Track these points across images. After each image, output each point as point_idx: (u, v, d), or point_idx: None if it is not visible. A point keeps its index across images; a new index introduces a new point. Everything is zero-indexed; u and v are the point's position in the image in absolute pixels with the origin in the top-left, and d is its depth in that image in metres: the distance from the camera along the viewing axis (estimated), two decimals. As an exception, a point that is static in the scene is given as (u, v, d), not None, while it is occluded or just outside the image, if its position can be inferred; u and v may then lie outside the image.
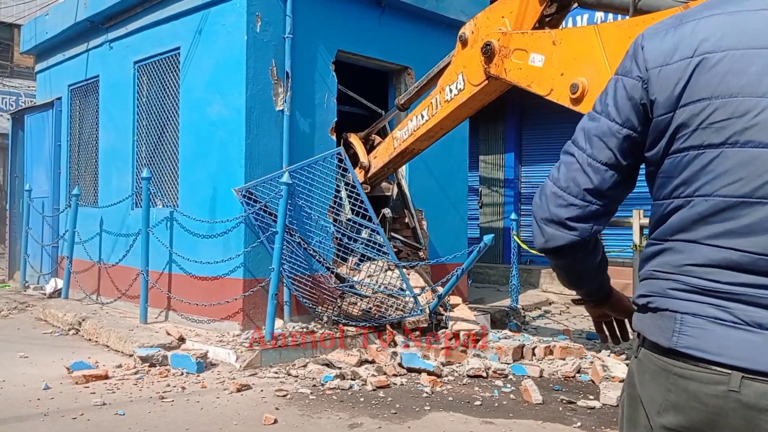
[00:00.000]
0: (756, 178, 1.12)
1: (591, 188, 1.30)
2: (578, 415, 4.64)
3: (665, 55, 1.20)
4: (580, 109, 4.50)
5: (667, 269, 1.23)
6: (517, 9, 5.32)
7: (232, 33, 6.77)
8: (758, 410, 1.11)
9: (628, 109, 1.24)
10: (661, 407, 1.20)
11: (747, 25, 1.15)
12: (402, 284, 6.59)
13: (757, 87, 1.11)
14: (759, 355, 1.11)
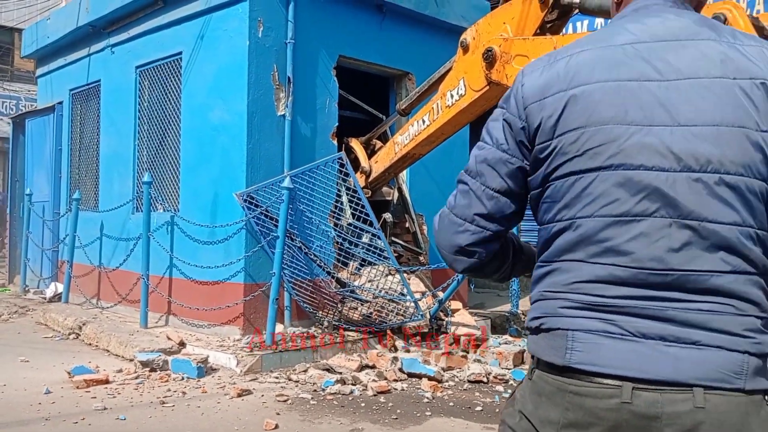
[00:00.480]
0: (630, 197, 1.21)
1: (485, 214, 1.36)
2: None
3: (542, 90, 1.29)
4: (581, 115, 4.50)
5: (557, 289, 1.28)
6: (518, 15, 5.33)
7: (234, 38, 6.79)
8: (649, 418, 1.15)
9: (512, 140, 1.33)
10: (559, 426, 1.22)
11: (613, 59, 1.26)
12: (403, 289, 6.59)
13: (624, 116, 1.22)
14: (645, 364, 1.17)
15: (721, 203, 1.20)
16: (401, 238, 7.97)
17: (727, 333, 1.18)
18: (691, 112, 1.21)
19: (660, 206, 1.21)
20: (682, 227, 1.20)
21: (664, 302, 1.20)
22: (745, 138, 1.20)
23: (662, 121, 1.21)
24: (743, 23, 3.64)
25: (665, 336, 1.18)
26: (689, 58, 1.24)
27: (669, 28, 1.28)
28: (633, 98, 1.22)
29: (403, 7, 7.95)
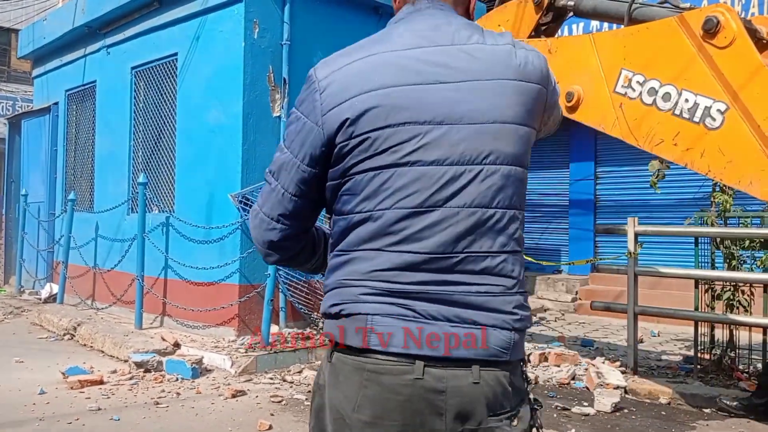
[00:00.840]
0: (425, 190, 1.32)
1: (286, 214, 1.44)
2: (572, 421, 4.65)
3: (339, 95, 1.36)
4: (575, 117, 4.53)
5: (357, 276, 1.36)
6: (513, 17, 5.35)
7: (230, 39, 6.80)
8: (437, 392, 1.29)
9: (308, 146, 1.39)
10: (356, 403, 1.32)
11: (403, 63, 1.36)
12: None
13: (418, 116, 1.32)
14: (434, 344, 1.31)
15: (499, 192, 1.35)
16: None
17: (500, 312, 1.34)
18: (475, 111, 1.34)
19: (449, 196, 1.33)
20: (467, 215, 1.33)
21: (451, 286, 1.33)
22: (517, 134, 1.36)
23: (452, 120, 1.33)
24: (736, 26, 3.66)
25: (451, 318, 1.32)
26: (469, 60, 1.36)
27: (445, 33, 1.39)
28: (425, 100, 1.33)
29: (399, 9, 7.96)
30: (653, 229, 6.52)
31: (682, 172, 5.19)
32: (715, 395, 5.03)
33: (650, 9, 4.46)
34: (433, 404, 1.30)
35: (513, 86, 1.36)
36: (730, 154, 3.63)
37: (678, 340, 7.77)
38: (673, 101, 3.87)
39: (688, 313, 5.85)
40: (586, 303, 9.27)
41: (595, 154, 11.35)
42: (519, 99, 1.36)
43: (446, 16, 1.43)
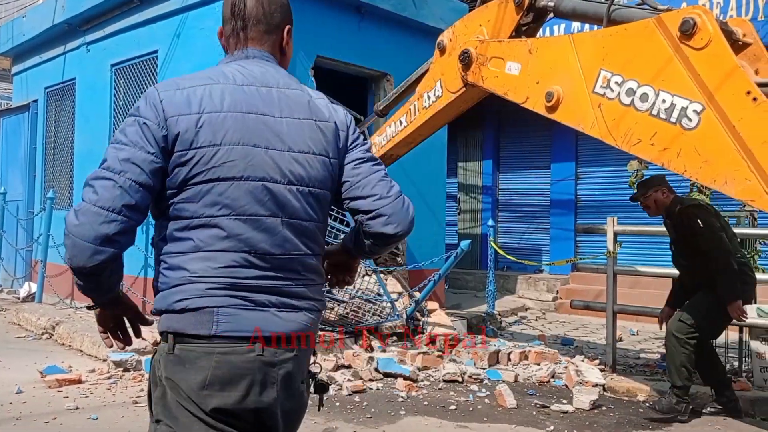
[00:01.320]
0: (256, 202, 1.61)
1: (132, 205, 1.56)
2: (551, 419, 4.69)
3: (180, 108, 1.60)
4: (555, 116, 4.56)
5: (203, 274, 1.59)
6: (494, 17, 5.37)
7: (211, 37, 6.76)
8: (272, 365, 1.61)
9: (155, 144, 1.58)
10: (207, 382, 1.56)
11: (238, 95, 1.65)
12: (379, 289, 6.61)
13: (250, 139, 1.62)
14: (269, 326, 1.61)
15: (309, 207, 1.70)
16: (378, 239, 7.98)
17: (311, 299, 1.71)
18: (293, 142, 1.68)
19: (276, 209, 1.64)
20: (288, 224, 1.66)
21: (280, 281, 1.65)
22: (323, 163, 1.71)
23: (276, 147, 1.65)
24: (712, 28, 3.70)
25: (279, 305, 1.65)
26: (288, 102, 1.71)
27: (272, 78, 1.74)
28: (256, 127, 1.64)
29: (382, 8, 7.97)
30: (632, 229, 6.58)
31: (660, 172, 5.25)
32: (693, 392, 5.09)
33: (629, 10, 4.50)
34: (268, 375, 1.61)
35: (323, 126, 1.73)
36: (706, 154, 3.67)
37: (656, 339, 7.85)
38: (651, 102, 3.91)
39: (665, 312, 5.90)
40: (566, 302, 9.34)
41: (576, 155, 11.44)
42: (325, 137, 1.73)
43: (273, 66, 1.79)
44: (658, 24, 3.91)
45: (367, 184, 1.77)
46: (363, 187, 1.76)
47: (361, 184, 1.77)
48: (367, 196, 1.76)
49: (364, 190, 1.76)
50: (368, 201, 1.75)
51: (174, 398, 1.58)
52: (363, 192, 1.76)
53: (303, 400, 1.74)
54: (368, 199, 1.75)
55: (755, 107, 3.49)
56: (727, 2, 9.13)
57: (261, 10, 1.79)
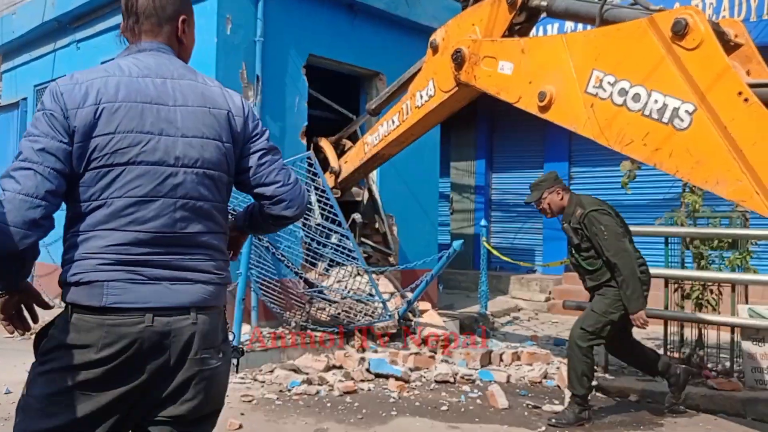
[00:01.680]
0: (149, 184, 1.75)
1: (53, 191, 1.70)
2: (543, 419, 4.67)
3: (79, 101, 1.73)
4: (547, 116, 4.55)
5: (94, 251, 1.74)
6: (487, 17, 5.36)
7: (202, 35, 6.72)
8: (165, 334, 1.74)
9: (63, 133, 1.72)
10: (98, 348, 1.69)
11: (133, 86, 1.78)
12: (371, 290, 6.58)
13: (143, 127, 1.76)
14: (161, 298, 1.74)
15: (204, 188, 1.83)
16: (371, 239, 7.96)
17: (207, 272, 1.84)
18: (186, 128, 1.81)
19: (169, 190, 1.78)
20: (182, 204, 1.80)
21: (171, 255, 1.78)
22: (217, 147, 1.86)
23: (169, 133, 1.79)
24: (704, 28, 3.70)
25: (171, 278, 1.77)
26: (182, 91, 1.84)
27: (167, 69, 1.86)
28: (149, 115, 1.77)
29: (375, 6, 7.95)
30: (624, 229, 6.57)
31: (653, 172, 5.24)
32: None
33: (621, 10, 4.50)
34: (161, 344, 1.73)
35: (216, 113, 1.87)
36: (698, 154, 3.67)
37: (648, 339, 7.83)
38: (643, 102, 3.91)
39: (657, 312, 5.90)
40: (559, 302, 9.33)
41: (569, 155, 11.45)
42: (218, 123, 1.87)
43: (168, 58, 1.90)
44: (650, 24, 3.90)
45: (270, 173, 1.96)
46: (267, 175, 1.96)
47: (265, 172, 1.96)
48: (271, 183, 1.96)
49: (268, 178, 1.96)
50: (272, 188, 1.96)
51: (68, 355, 1.72)
52: (267, 180, 1.96)
53: (209, 368, 1.82)
54: (271, 186, 1.96)
55: (747, 108, 3.48)
56: (720, 3, 9.15)
57: (151, 4, 1.91)
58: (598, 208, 4.65)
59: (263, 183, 1.96)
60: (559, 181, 4.90)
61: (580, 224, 4.65)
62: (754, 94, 3.50)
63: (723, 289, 5.66)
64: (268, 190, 1.96)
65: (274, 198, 1.96)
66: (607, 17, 4.49)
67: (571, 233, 4.75)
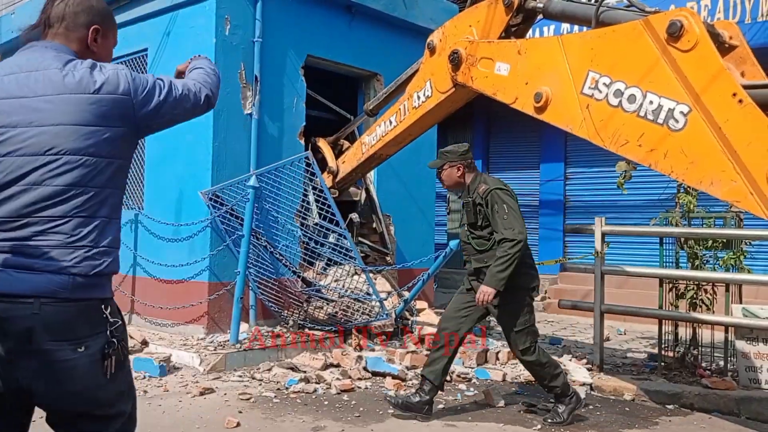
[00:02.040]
0: (8, 174, 1.81)
1: None
2: (539, 417, 4.71)
3: None
4: (543, 117, 4.58)
5: None
6: (483, 18, 5.40)
7: (201, 35, 6.75)
8: (3, 320, 1.75)
9: None
10: None
11: (2, 83, 1.88)
12: (368, 289, 6.62)
13: (7, 121, 1.83)
14: (2, 284, 1.76)
15: (57, 174, 1.81)
16: (368, 239, 8.00)
17: (56, 260, 1.80)
18: (43, 118, 1.83)
19: (19, 177, 1.81)
20: (32, 191, 1.80)
21: (18, 242, 1.79)
22: (77, 132, 1.84)
23: (23, 125, 1.83)
24: (699, 30, 3.74)
25: (16, 265, 1.78)
26: (45, 82, 1.87)
27: (32, 62, 1.91)
28: (11, 110, 1.84)
29: (372, 8, 7.98)
30: (619, 229, 6.63)
31: (648, 173, 5.28)
32: (679, 392, 5.14)
33: (617, 12, 4.53)
34: None
35: (82, 99, 1.86)
36: (693, 155, 3.71)
37: (643, 338, 7.90)
38: (638, 103, 3.94)
39: (652, 312, 5.96)
40: (554, 302, 9.39)
41: (565, 156, 11.50)
42: (88, 107, 1.86)
43: (43, 52, 1.94)
44: (645, 26, 3.94)
45: (175, 107, 2.07)
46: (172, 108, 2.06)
47: (167, 109, 2.05)
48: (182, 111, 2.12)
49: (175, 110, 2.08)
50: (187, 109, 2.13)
51: None
52: (186, 105, 2.11)
53: (58, 360, 1.78)
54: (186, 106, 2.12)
55: (741, 109, 3.52)
56: (715, 5, 9.20)
57: (65, 10, 2.01)
58: (503, 187, 4.64)
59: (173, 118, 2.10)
60: (465, 157, 4.80)
61: (483, 200, 4.61)
62: (749, 95, 3.54)
63: (717, 289, 5.71)
64: (182, 114, 2.14)
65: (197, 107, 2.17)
66: (603, 19, 4.53)
67: (471, 209, 4.71)
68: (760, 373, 5.25)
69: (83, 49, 2.02)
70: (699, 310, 5.70)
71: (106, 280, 1.91)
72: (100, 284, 1.88)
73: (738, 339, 5.38)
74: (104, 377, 1.84)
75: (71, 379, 1.80)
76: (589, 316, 6.89)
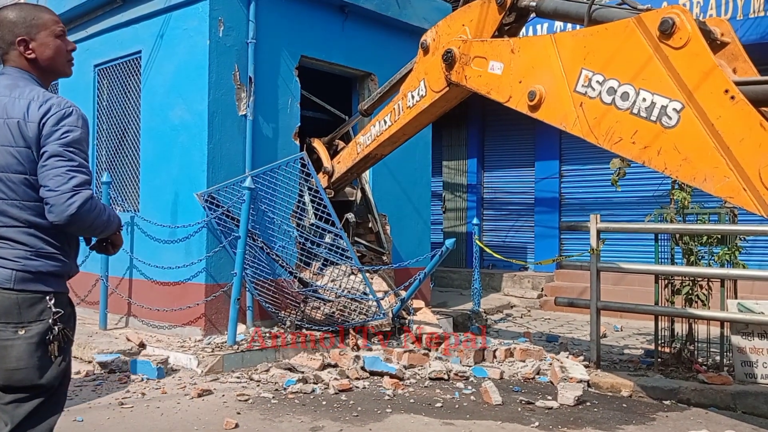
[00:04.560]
0: None
1: None
2: (536, 415, 4.73)
3: None
4: (537, 115, 4.60)
5: None
6: (477, 17, 5.42)
7: (195, 37, 6.75)
8: None
9: None
10: None
11: None
12: (365, 288, 6.63)
13: None
14: None
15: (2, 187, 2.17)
16: (364, 238, 8.01)
17: (4, 259, 2.16)
18: None
19: None
20: None
21: None
22: (7, 152, 2.18)
23: None
24: (691, 27, 3.76)
25: None
26: None
27: None
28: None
29: (366, 8, 7.99)
30: (615, 226, 6.65)
31: (642, 170, 5.30)
32: (675, 387, 5.16)
33: (609, 10, 4.55)
34: None
35: (9, 123, 2.18)
36: (686, 151, 3.73)
37: (640, 335, 7.93)
38: (631, 100, 3.96)
39: (648, 308, 5.98)
40: (551, 299, 9.41)
41: (560, 153, 11.53)
42: (11, 132, 2.17)
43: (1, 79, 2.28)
44: (637, 23, 3.96)
45: (45, 177, 2.15)
46: (43, 178, 2.16)
47: (42, 175, 2.16)
48: (42, 186, 2.16)
49: (42, 180, 2.16)
50: (42, 191, 2.16)
51: None
52: (42, 182, 2.16)
53: (1, 340, 2.14)
54: (42, 189, 2.16)
55: (733, 105, 3.54)
56: (707, 2, 9.23)
57: None
58: None
59: (41, 185, 2.17)
60: None
61: None
62: (741, 91, 3.56)
63: (713, 285, 5.73)
64: (42, 191, 2.17)
65: (43, 200, 2.17)
66: (596, 17, 4.54)
67: None
68: (755, 368, 5.28)
69: (23, 62, 2.31)
70: (695, 305, 5.72)
71: (51, 276, 2.22)
72: (44, 280, 2.20)
73: (734, 334, 5.41)
74: (42, 359, 2.17)
75: (7, 357, 2.13)
76: (586, 313, 6.91)
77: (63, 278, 2.29)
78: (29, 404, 2.17)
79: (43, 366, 2.17)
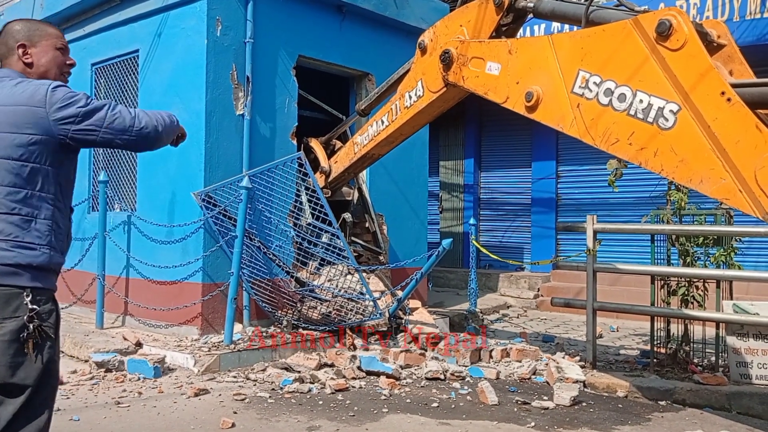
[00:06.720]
0: None
1: None
2: (532, 415, 4.74)
3: None
4: (534, 116, 4.61)
5: None
6: (474, 18, 5.42)
7: (192, 36, 6.75)
8: None
9: None
10: None
11: None
12: (362, 288, 6.63)
13: None
14: None
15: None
16: (361, 238, 8.01)
17: None
18: None
19: None
20: None
21: None
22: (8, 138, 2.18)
23: None
24: (688, 29, 3.77)
25: None
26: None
27: None
28: None
29: (363, 8, 7.99)
30: (611, 227, 6.67)
31: (639, 171, 5.31)
32: (671, 388, 5.18)
33: (606, 11, 4.56)
34: None
35: (13, 110, 2.19)
36: (682, 153, 3.74)
37: (636, 335, 7.96)
38: (628, 102, 3.98)
39: (644, 309, 6.00)
40: (547, 300, 9.43)
41: (557, 154, 11.55)
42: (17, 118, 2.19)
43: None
44: (635, 25, 3.97)
45: (105, 131, 2.30)
46: (105, 133, 2.31)
47: (101, 130, 2.31)
48: (111, 138, 2.33)
49: (104, 135, 2.31)
50: (114, 141, 2.33)
51: None
52: (104, 136, 2.30)
53: None
54: (113, 140, 2.33)
55: (729, 107, 3.56)
56: (704, 4, 9.26)
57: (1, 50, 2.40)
58: None
59: (103, 139, 2.31)
60: None
61: None
62: (737, 93, 3.57)
63: (708, 286, 5.75)
64: (114, 143, 2.34)
65: (124, 146, 2.36)
66: (593, 18, 4.56)
67: None
68: (750, 369, 5.29)
69: (21, 66, 2.39)
70: (690, 306, 5.74)
71: (30, 270, 2.17)
72: (21, 274, 2.15)
73: (729, 335, 5.43)
74: (15, 357, 2.11)
75: None
76: (582, 314, 6.93)
77: (44, 271, 2.22)
78: (12, 406, 2.12)
79: (15, 364, 2.12)
